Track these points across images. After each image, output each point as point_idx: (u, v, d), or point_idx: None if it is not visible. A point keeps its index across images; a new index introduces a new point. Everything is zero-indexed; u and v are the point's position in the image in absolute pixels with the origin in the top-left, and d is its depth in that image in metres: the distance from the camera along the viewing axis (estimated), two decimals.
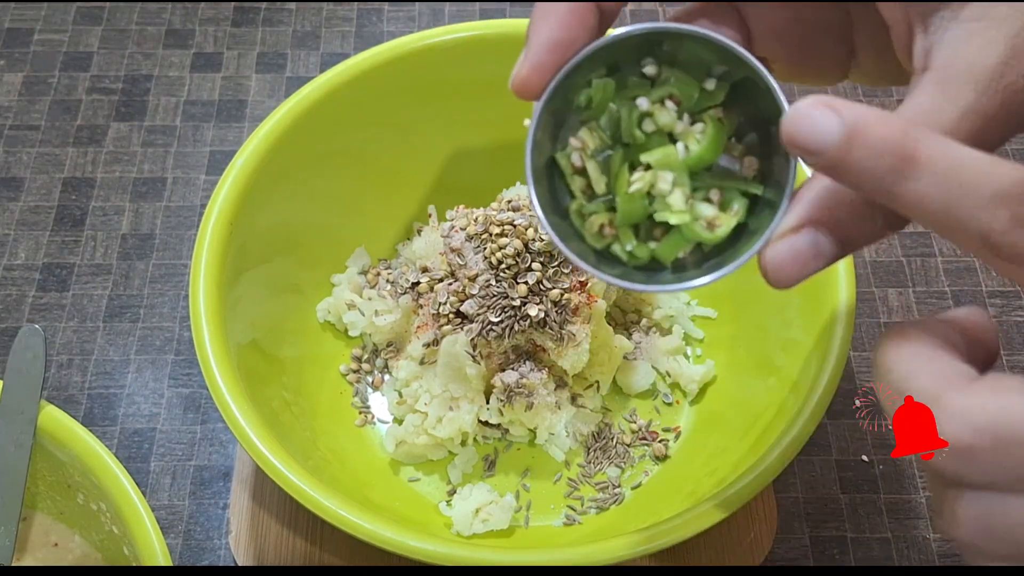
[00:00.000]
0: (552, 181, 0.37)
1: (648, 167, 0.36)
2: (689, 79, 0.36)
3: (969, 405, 0.28)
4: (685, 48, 0.35)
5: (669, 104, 0.36)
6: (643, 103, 0.36)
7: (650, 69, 0.36)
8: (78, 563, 0.50)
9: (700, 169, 0.36)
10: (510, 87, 0.36)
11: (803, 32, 0.38)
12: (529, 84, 0.35)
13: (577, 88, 0.36)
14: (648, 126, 0.36)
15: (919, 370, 0.30)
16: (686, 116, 0.36)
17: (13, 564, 0.47)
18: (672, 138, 0.36)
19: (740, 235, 0.35)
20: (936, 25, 0.33)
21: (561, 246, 0.36)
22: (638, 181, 0.35)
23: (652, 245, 0.36)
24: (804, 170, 0.43)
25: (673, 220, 0.35)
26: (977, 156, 0.29)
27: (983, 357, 0.31)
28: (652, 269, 0.37)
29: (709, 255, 0.37)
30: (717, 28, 0.37)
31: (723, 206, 0.36)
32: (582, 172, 0.37)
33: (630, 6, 0.81)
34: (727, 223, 0.35)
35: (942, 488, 0.30)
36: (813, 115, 0.29)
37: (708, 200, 0.36)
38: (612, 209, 0.37)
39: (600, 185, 0.37)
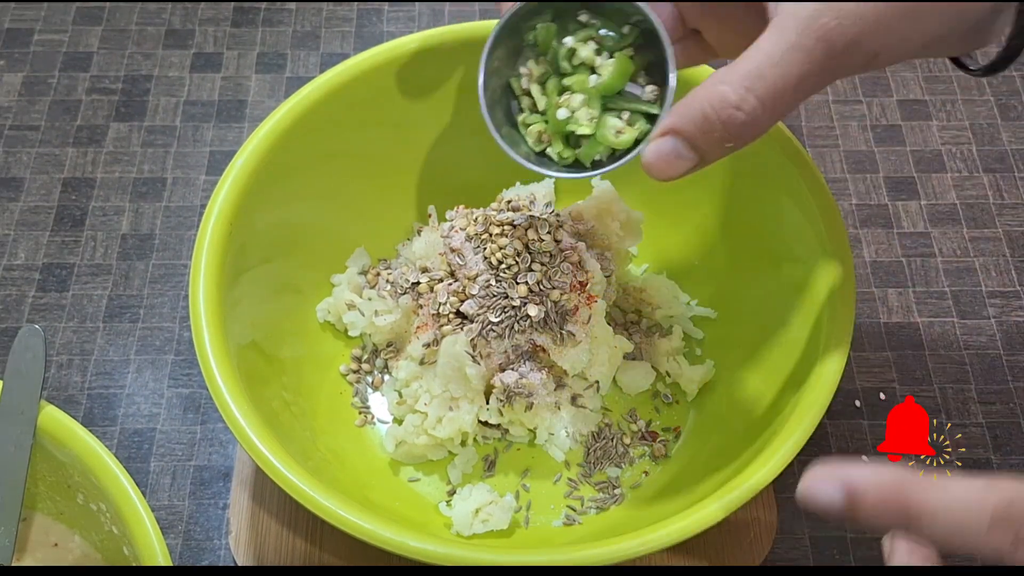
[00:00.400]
0: (508, 100, 0.50)
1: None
2: (611, 24, 0.47)
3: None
4: (611, 3, 0.47)
5: (591, 43, 0.48)
6: (568, 41, 0.48)
7: (584, 17, 0.48)
8: (78, 563, 0.50)
9: (612, 93, 0.47)
10: None
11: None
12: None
13: (530, 30, 0.48)
14: (576, 60, 0.48)
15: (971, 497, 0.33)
16: (605, 54, 0.48)
17: (13, 564, 0.47)
18: (593, 70, 0.48)
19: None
20: None
21: (507, 149, 0.48)
22: (564, 101, 0.48)
23: (577, 150, 0.48)
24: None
25: (580, 131, 0.47)
26: (967, 488, 0.33)
27: None
28: (578, 170, 0.48)
29: (619, 158, 0.47)
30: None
31: (631, 123, 0.47)
32: (529, 93, 0.50)
33: None
34: (630, 133, 0.47)
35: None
36: (817, 490, 0.36)
37: (618, 117, 0.47)
38: (548, 122, 0.49)
39: (541, 103, 0.49)
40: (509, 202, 0.58)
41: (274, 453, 0.47)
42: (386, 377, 0.61)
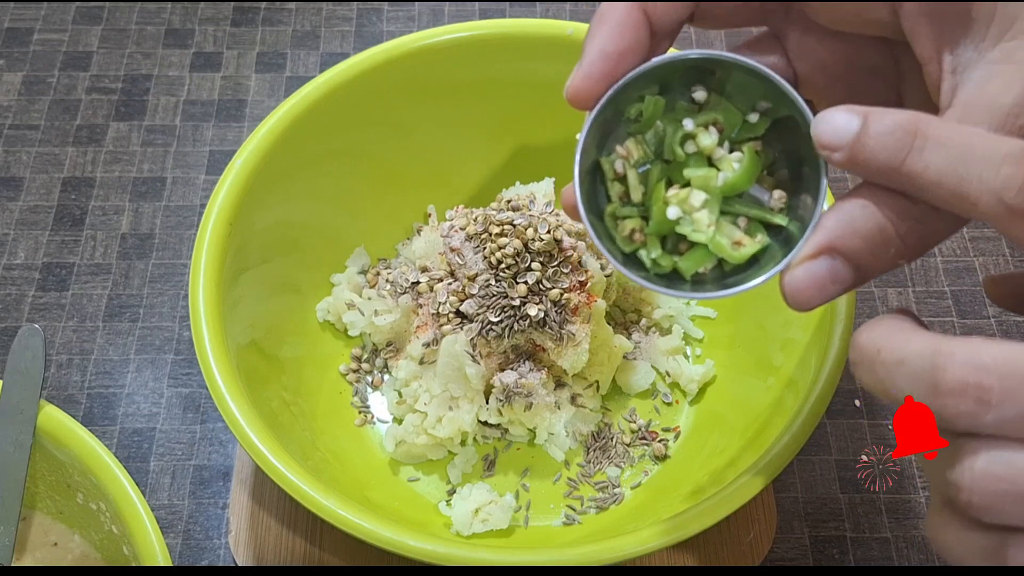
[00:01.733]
0: (594, 184, 0.40)
1: (685, 184, 0.38)
2: (734, 109, 0.38)
3: (971, 350, 0.29)
4: (734, 79, 0.38)
5: (712, 129, 0.38)
6: (688, 124, 0.38)
7: (699, 95, 0.39)
8: (78, 563, 0.50)
9: (732, 195, 0.38)
10: (564, 95, 0.38)
11: (851, 74, 0.40)
12: (580, 93, 0.37)
13: (629, 102, 0.39)
14: (690, 147, 0.38)
15: (909, 337, 0.31)
16: (726, 144, 0.38)
17: (13, 564, 0.47)
18: (710, 162, 0.38)
19: (759, 262, 0.38)
20: (963, 65, 0.35)
21: (596, 242, 0.38)
22: (674, 197, 0.38)
23: (676, 258, 0.39)
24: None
25: (695, 237, 0.38)
26: (983, 131, 0.32)
27: None
28: (671, 280, 0.39)
29: (727, 275, 0.39)
30: (764, 62, 0.39)
31: (748, 233, 0.38)
32: (622, 179, 0.40)
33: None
34: (751, 246, 0.38)
35: (952, 448, 0.30)
36: (835, 114, 0.33)
37: (735, 224, 0.38)
38: (644, 218, 0.39)
39: (637, 193, 0.39)
40: (509, 202, 0.58)
41: (274, 453, 0.47)
42: (386, 377, 0.61)
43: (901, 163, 0.32)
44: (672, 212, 0.38)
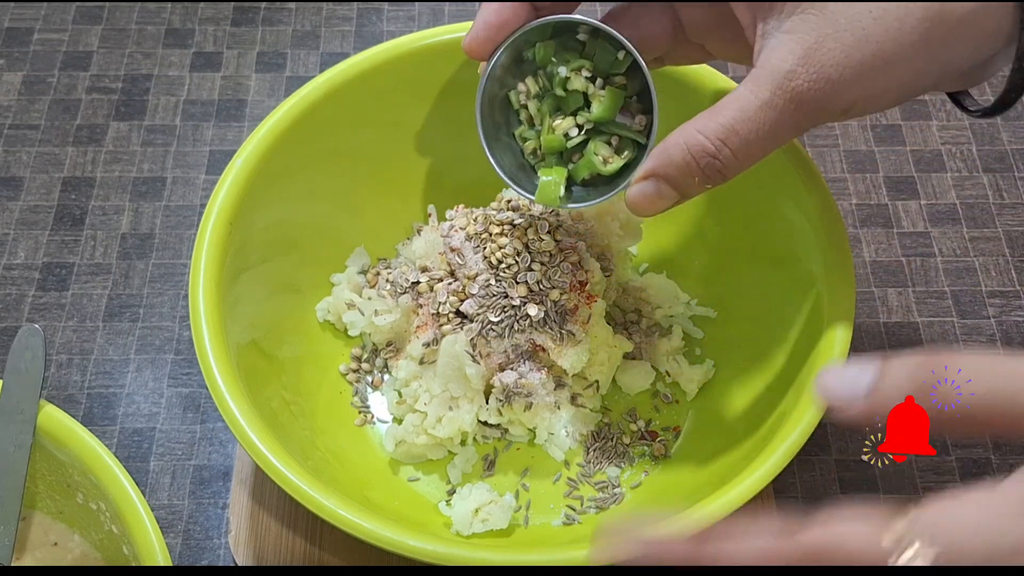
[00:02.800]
0: (508, 110, 0.52)
1: (571, 113, 0.50)
2: (607, 48, 0.49)
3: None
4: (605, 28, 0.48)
5: (584, 72, 0.49)
6: (563, 71, 0.49)
7: (582, 36, 0.49)
8: (77, 563, 0.50)
9: (602, 121, 0.49)
10: (462, 48, 0.49)
11: (726, 26, 0.47)
12: (471, 52, 0.49)
13: (529, 45, 0.50)
14: (570, 86, 0.50)
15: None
16: (599, 80, 0.49)
17: (13, 564, 0.47)
18: (585, 97, 0.50)
19: (631, 171, 0.48)
20: (768, 33, 0.43)
21: (493, 163, 0.51)
22: (558, 126, 0.50)
23: (569, 166, 0.51)
24: None
25: (570, 144, 0.50)
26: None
27: None
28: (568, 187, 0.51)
29: (607, 184, 0.50)
30: (650, 19, 0.50)
31: (619, 150, 0.50)
32: (526, 107, 0.52)
33: None
34: (616, 162, 0.50)
35: None
36: (848, 370, 0.35)
37: (609, 144, 0.50)
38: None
39: (537, 120, 0.52)
40: (509, 202, 0.58)
41: (274, 453, 0.47)
42: (386, 377, 0.61)
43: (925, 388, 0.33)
44: (573, 131, 0.50)
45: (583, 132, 0.50)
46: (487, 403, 0.57)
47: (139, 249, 0.69)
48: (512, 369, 0.56)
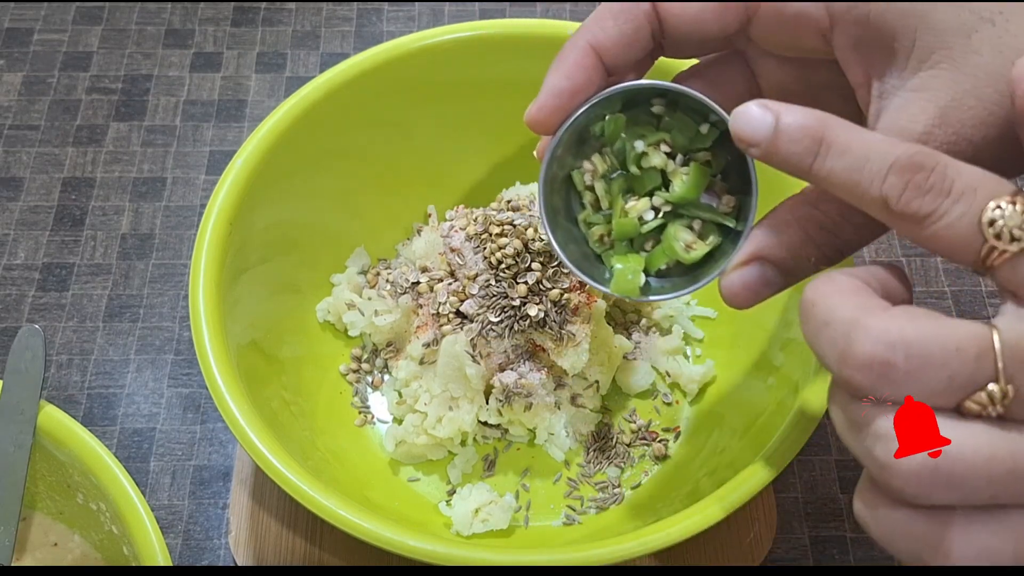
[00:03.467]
0: (569, 192, 0.46)
1: (647, 194, 0.44)
2: (688, 121, 0.43)
3: (885, 326, 0.31)
4: (685, 96, 0.42)
5: (662, 147, 0.43)
6: (639, 145, 0.43)
7: (658, 108, 0.43)
8: (77, 563, 0.50)
9: (683, 203, 0.43)
10: (524, 121, 0.43)
11: (809, 91, 0.43)
12: (536, 124, 0.42)
13: (597, 119, 0.43)
14: (646, 163, 0.43)
15: (841, 302, 0.33)
16: (679, 157, 0.43)
17: (13, 564, 0.47)
18: (664, 175, 0.43)
19: (715, 260, 0.43)
20: (887, 92, 0.38)
21: (558, 252, 0.44)
22: (632, 208, 0.44)
23: (643, 255, 0.44)
24: None
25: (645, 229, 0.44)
26: (879, 137, 0.34)
27: (899, 301, 0.34)
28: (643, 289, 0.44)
29: (686, 273, 0.44)
30: (725, 81, 0.44)
31: (703, 235, 0.43)
32: (592, 189, 0.45)
33: None
34: (701, 248, 0.43)
35: (854, 410, 0.33)
36: (749, 108, 0.36)
37: (691, 228, 0.43)
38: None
39: (605, 202, 0.45)
40: (509, 202, 0.58)
41: (274, 453, 0.47)
42: (386, 377, 0.61)
43: (809, 166, 0.35)
44: (649, 215, 0.43)
45: (660, 215, 0.43)
46: (487, 403, 0.57)
47: (139, 249, 0.69)
48: (512, 369, 0.56)
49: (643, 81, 0.43)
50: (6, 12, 0.81)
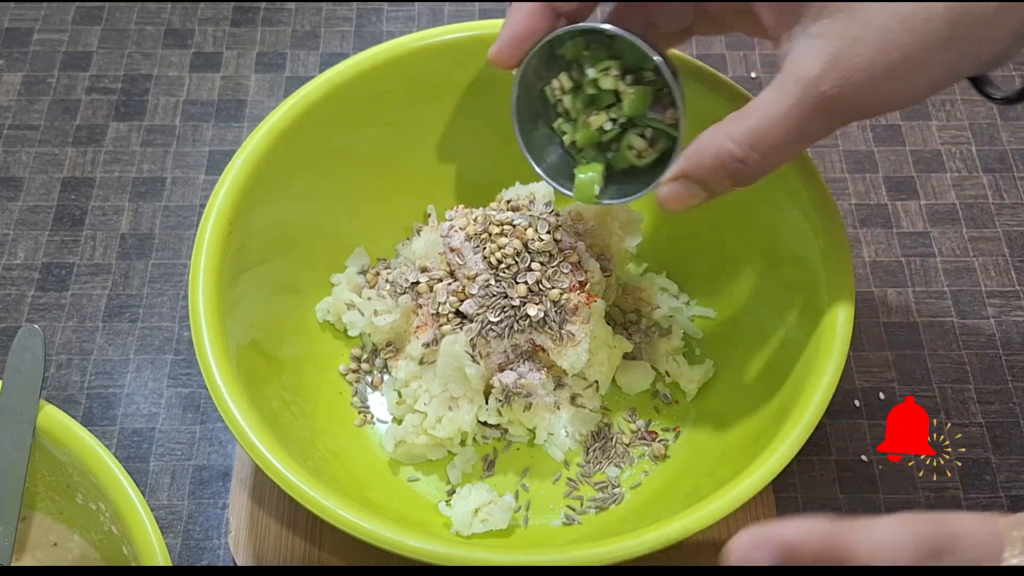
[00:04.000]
0: (545, 104, 0.53)
1: (607, 105, 0.51)
2: (633, 46, 0.49)
3: None
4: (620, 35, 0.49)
5: (612, 71, 0.50)
6: (591, 72, 0.50)
7: (611, 32, 0.49)
8: (77, 563, 0.50)
9: (634, 116, 0.50)
10: (487, 58, 0.50)
11: (739, 18, 0.49)
12: (497, 62, 0.50)
13: (561, 43, 0.50)
14: (600, 84, 0.50)
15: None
16: (629, 76, 0.50)
17: (12, 564, 0.47)
18: (617, 94, 0.50)
19: (670, 165, 0.48)
20: (793, 35, 0.43)
21: (528, 157, 0.53)
22: (594, 120, 0.51)
23: (608, 155, 0.52)
24: None
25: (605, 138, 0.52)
26: (890, 530, 0.36)
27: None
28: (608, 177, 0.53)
29: (647, 172, 0.51)
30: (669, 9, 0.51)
31: (654, 142, 0.51)
32: (562, 102, 0.52)
33: None
34: (650, 155, 0.51)
35: None
36: (753, 557, 0.35)
37: (643, 136, 0.51)
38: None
39: (572, 114, 0.52)
40: (509, 202, 0.58)
41: (273, 453, 0.47)
42: (386, 377, 0.61)
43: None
44: (608, 125, 0.51)
45: (617, 125, 0.51)
46: (487, 403, 0.57)
47: (139, 249, 0.69)
48: (512, 369, 0.56)
49: (590, 24, 0.49)
50: (6, 12, 0.81)
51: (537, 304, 0.54)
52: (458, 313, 0.55)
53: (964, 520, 0.35)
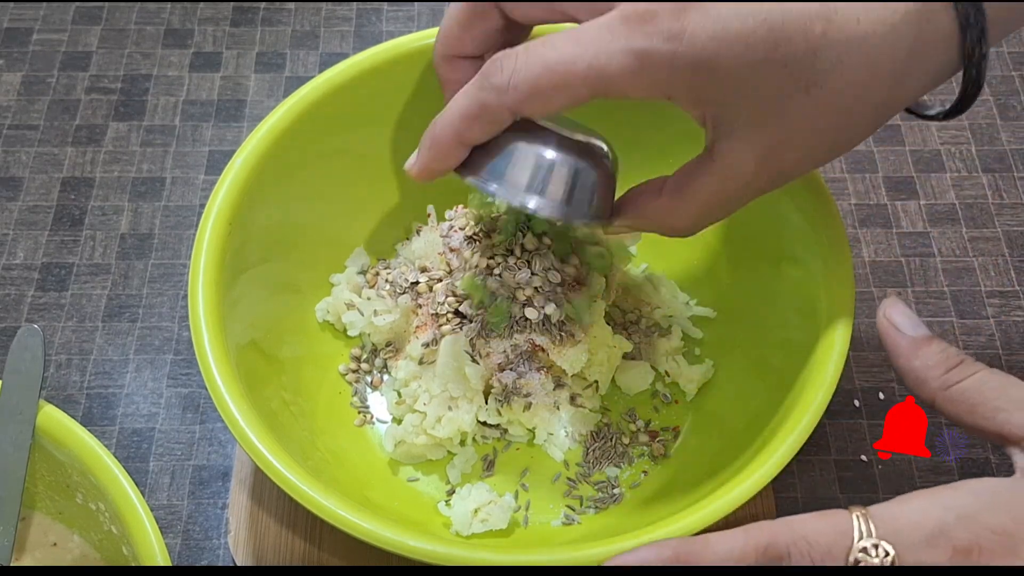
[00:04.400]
0: None
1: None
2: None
3: None
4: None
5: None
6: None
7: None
8: (77, 563, 0.50)
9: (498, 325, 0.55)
10: (405, 170, 0.49)
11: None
12: (415, 178, 0.49)
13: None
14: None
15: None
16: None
17: (12, 564, 0.47)
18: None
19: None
20: (721, 133, 0.43)
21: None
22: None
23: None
24: None
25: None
26: (730, 542, 0.40)
27: None
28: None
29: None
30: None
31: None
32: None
33: None
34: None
35: None
36: None
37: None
38: None
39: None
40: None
41: (273, 453, 0.47)
42: (385, 377, 0.61)
43: None
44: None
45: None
46: (486, 403, 0.57)
47: (138, 249, 0.69)
48: (511, 369, 0.56)
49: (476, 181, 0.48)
50: (5, 12, 0.81)
51: (537, 307, 0.54)
52: (458, 313, 0.55)
53: (808, 521, 0.39)
